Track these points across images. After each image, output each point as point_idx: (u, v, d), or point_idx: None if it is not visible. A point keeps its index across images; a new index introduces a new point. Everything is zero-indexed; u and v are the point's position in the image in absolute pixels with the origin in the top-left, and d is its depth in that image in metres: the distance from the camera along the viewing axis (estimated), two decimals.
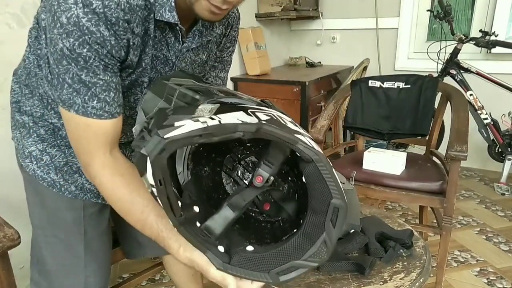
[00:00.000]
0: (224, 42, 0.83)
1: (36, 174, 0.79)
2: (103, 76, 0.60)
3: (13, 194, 1.25)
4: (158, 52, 0.68)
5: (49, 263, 0.83)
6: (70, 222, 0.82)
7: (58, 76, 0.59)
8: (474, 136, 2.34)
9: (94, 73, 0.59)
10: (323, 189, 0.52)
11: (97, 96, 0.60)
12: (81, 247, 0.82)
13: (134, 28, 0.60)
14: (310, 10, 2.76)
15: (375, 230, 0.88)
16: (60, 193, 0.80)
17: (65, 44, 0.56)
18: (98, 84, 0.60)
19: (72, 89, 0.59)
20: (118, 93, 0.64)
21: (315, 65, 2.90)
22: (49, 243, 0.83)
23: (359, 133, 1.77)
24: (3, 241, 0.85)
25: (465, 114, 1.46)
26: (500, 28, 2.40)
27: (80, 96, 0.60)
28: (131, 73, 0.67)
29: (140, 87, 0.71)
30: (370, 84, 1.69)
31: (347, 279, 0.77)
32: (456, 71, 2.25)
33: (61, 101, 0.61)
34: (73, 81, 0.59)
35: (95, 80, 0.59)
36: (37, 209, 0.83)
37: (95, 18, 0.55)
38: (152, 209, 0.63)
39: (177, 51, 0.70)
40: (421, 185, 1.38)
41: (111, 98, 0.62)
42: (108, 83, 0.61)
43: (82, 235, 0.82)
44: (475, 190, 2.41)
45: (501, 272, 1.62)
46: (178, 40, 0.68)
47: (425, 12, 2.59)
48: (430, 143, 1.69)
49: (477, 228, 1.97)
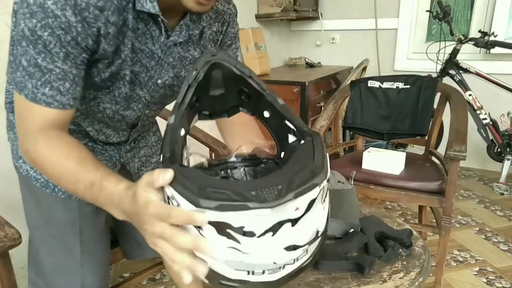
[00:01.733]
0: (223, 40, 0.81)
1: (29, 175, 0.80)
2: (61, 64, 0.57)
3: (13, 194, 1.24)
4: (143, 45, 0.65)
5: (45, 263, 0.83)
6: (65, 222, 0.82)
7: (15, 58, 0.57)
8: (473, 136, 2.35)
9: (51, 59, 0.56)
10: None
11: (50, 83, 0.57)
12: (77, 247, 0.82)
13: (108, 17, 0.58)
14: (309, 10, 2.77)
15: (374, 230, 0.88)
16: (54, 194, 0.80)
17: (27, 24, 0.53)
18: (54, 71, 0.57)
19: (26, 72, 0.56)
20: (76, 86, 0.60)
21: (315, 65, 2.91)
22: (45, 243, 0.83)
23: (358, 133, 1.78)
24: (4, 241, 0.85)
25: (464, 114, 1.47)
26: (499, 28, 2.41)
27: (32, 81, 0.57)
28: (109, 64, 0.63)
29: (122, 81, 0.68)
30: (369, 85, 1.70)
31: (347, 278, 0.77)
32: (455, 71, 2.26)
33: (15, 83, 0.59)
34: (29, 64, 0.56)
35: (51, 67, 0.56)
36: (33, 209, 0.83)
37: (62, 2, 0.53)
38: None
39: (163, 45, 0.67)
40: (420, 185, 1.39)
41: (66, 89, 0.59)
42: (65, 72, 0.58)
43: (78, 235, 0.82)
44: (474, 190, 2.42)
45: (500, 272, 1.62)
46: (163, 33, 0.66)
47: (424, 12, 2.60)
48: (429, 143, 1.70)
49: (476, 227, 1.98)
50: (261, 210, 0.39)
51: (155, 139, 0.99)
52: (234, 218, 0.40)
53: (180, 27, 0.68)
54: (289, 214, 0.41)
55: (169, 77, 0.73)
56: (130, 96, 0.72)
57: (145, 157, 0.95)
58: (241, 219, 0.39)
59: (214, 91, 0.58)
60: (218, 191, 0.40)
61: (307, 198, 0.42)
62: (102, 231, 0.88)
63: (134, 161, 0.92)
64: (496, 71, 2.36)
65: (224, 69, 0.55)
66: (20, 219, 0.93)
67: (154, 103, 0.78)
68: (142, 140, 0.94)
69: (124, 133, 0.83)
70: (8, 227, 0.89)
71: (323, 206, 0.46)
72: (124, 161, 0.89)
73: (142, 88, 0.72)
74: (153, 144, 0.98)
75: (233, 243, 0.41)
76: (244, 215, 0.39)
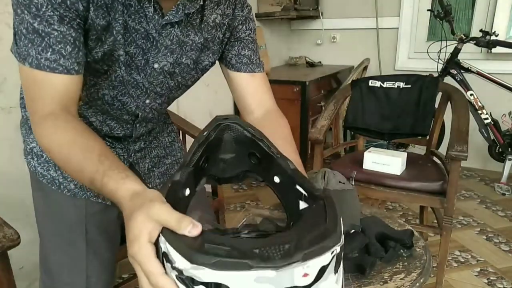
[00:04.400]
0: (231, 24, 0.77)
1: (36, 171, 0.79)
2: (57, 27, 0.56)
3: (13, 194, 1.24)
4: (137, 24, 0.64)
5: (51, 261, 0.83)
6: (72, 220, 0.81)
7: (16, 29, 0.57)
8: (474, 136, 2.34)
9: (47, 22, 0.56)
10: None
11: (51, 47, 0.57)
12: (82, 245, 0.81)
13: None
14: (310, 9, 2.76)
15: (375, 230, 0.87)
16: (59, 191, 0.79)
17: None
18: (52, 34, 0.56)
19: (27, 40, 0.56)
20: (78, 50, 0.59)
21: (315, 65, 2.90)
22: (52, 241, 0.82)
23: (359, 133, 1.77)
24: (3, 241, 0.85)
25: (465, 114, 1.46)
26: (501, 28, 2.40)
27: (34, 47, 0.56)
28: (99, 41, 0.62)
29: (117, 63, 0.66)
30: (370, 84, 1.69)
31: (347, 279, 0.77)
32: (457, 71, 2.25)
33: (18, 55, 0.59)
34: (28, 31, 0.56)
35: (49, 30, 0.56)
36: (41, 206, 0.83)
37: None
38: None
39: (157, 25, 0.65)
40: (422, 185, 1.38)
41: (67, 52, 0.58)
42: (64, 35, 0.57)
43: (84, 234, 0.81)
44: (475, 190, 2.41)
45: (501, 272, 1.62)
46: (157, 12, 0.64)
47: (426, 11, 2.59)
48: (430, 143, 1.69)
49: (478, 228, 1.97)
50: (264, 271, 0.34)
51: (169, 139, 0.96)
52: (232, 279, 0.34)
53: (177, 6, 0.65)
54: (296, 280, 0.35)
55: (167, 62, 0.71)
56: (128, 81, 0.70)
57: (157, 158, 0.93)
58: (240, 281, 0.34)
59: (224, 154, 0.56)
60: (217, 247, 0.36)
61: (317, 263, 0.36)
62: (111, 230, 0.87)
63: (145, 162, 0.90)
64: (498, 70, 2.36)
65: (236, 132, 0.54)
66: (19, 219, 0.93)
67: (155, 92, 0.75)
68: (155, 140, 0.92)
69: (127, 125, 0.82)
70: (7, 227, 0.89)
71: (336, 278, 0.40)
72: (132, 160, 0.87)
73: (139, 72, 0.70)
74: (167, 145, 0.95)
75: None
76: (244, 276, 0.34)
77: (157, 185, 0.91)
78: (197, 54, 0.75)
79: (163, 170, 0.93)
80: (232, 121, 0.54)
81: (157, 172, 0.92)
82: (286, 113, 0.83)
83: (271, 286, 0.35)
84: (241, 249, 0.35)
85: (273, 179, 0.55)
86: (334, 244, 0.38)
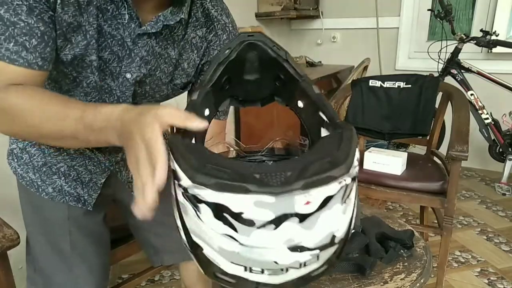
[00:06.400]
0: (206, 50, 0.75)
1: (17, 172, 0.80)
2: (25, 18, 0.53)
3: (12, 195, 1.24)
4: (113, 30, 0.61)
5: (41, 261, 0.83)
6: (55, 222, 0.81)
7: None
8: (475, 136, 2.34)
9: (14, 11, 0.53)
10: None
11: (14, 37, 0.53)
12: (67, 248, 0.81)
13: None
14: (310, 9, 2.76)
15: (375, 231, 0.87)
16: (38, 194, 0.79)
17: None
18: (18, 25, 0.53)
19: None
20: (45, 45, 0.56)
21: (316, 64, 2.90)
22: (38, 241, 0.83)
23: (359, 133, 1.77)
24: (2, 241, 0.85)
25: (466, 114, 1.46)
26: (501, 27, 2.40)
27: None
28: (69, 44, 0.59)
29: (90, 68, 0.63)
30: (370, 84, 1.69)
31: (348, 279, 0.77)
32: (457, 70, 2.25)
33: None
34: None
35: (15, 20, 0.53)
36: (26, 208, 0.83)
37: None
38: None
39: (133, 33, 0.63)
40: (422, 185, 1.38)
41: (32, 46, 0.54)
42: (31, 27, 0.54)
43: (68, 236, 0.81)
44: (476, 190, 2.41)
45: (502, 273, 1.62)
46: (134, 20, 0.62)
47: (426, 11, 2.59)
48: (431, 143, 1.69)
49: (478, 228, 1.97)
50: (263, 196, 0.34)
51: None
52: (232, 201, 0.35)
53: (157, 18, 0.63)
54: (297, 207, 0.35)
55: (141, 73, 0.68)
56: (101, 87, 0.67)
57: None
58: (239, 203, 0.34)
59: (249, 75, 0.54)
60: (219, 168, 0.36)
61: (321, 192, 0.35)
62: (96, 233, 0.86)
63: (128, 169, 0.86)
64: (498, 70, 2.35)
65: (260, 51, 0.51)
66: (18, 219, 0.92)
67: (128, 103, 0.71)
68: None
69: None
70: (6, 227, 0.89)
71: (343, 208, 0.39)
72: (114, 169, 0.84)
73: (114, 79, 0.67)
74: None
75: (229, 230, 0.36)
76: (243, 199, 0.34)
77: None
78: (170, 70, 0.72)
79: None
80: (257, 39, 0.51)
81: None
82: (286, 113, 0.82)
83: (270, 211, 0.34)
84: (242, 172, 0.35)
85: (297, 104, 0.53)
86: (340, 174, 0.36)
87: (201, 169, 0.36)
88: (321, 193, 0.35)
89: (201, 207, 0.37)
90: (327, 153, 0.39)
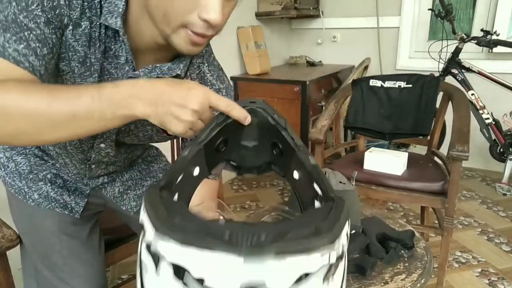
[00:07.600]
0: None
1: (5, 181, 0.81)
2: (42, 27, 0.53)
3: None
4: (112, 68, 0.62)
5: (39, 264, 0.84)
6: (44, 229, 0.81)
7: None
8: (475, 136, 2.33)
9: (34, 19, 0.52)
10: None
11: (27, 41, 0.52)
12: (59, 261, 0.81)
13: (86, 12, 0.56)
14: (310, 8, 2.76)
15: (376, 231, 0.87)
16: (25, 201, 0.80)
17: None
18: (34, 31, 0.52)
19: (1, 25, 0.51)
20: (51, 56, 0.55)
21: (316, 64, 2.90)
22: (31, 245, 0.84)
23: (360, 133, 1.77)
24: (2, 242, 0.85)
25: (466, 114, 1.45)
26: (502, 27, 2.39)
27: (6, 35, 0.51)
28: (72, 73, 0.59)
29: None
30: (371, 84, 1.69)
31: (348, 280, 0.77)
32: (458, 70, 2.24)
33: None
34: (7, 19, 0.51)
35: (32, 26, 0.52)
36: (16, 214, 0.85)
37: None
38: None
39: (125, 75, 0.62)
40: (423, 186, 1.38)
41: (42, 53, 0.53)
42: (46, 36, 0.54)
43: (58, 243, 0.81)
44: (476, 190, 2.40)
45: (502, 273, 1.61)
46: (129, 63, 0.61)
47: (427, 11, 2.58)
48: (431, 143, 1.68)
49: (479, 228, 1.96)
50: (229, 256, 0.29)
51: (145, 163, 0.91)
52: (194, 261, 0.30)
53: (153, 67, 0.62)
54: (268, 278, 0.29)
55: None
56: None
57: (132, 180, 0.89)
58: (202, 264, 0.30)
59: (247, 141, 0.53)
60: (187, 222, 0.33)
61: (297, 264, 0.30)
62: (88, 239, 0.86)
63: (115, 186, 0.87)
64: (499, 70, 2.35)
65: (260, 117, 0.51)
66: None
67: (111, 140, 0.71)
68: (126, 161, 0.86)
69: (82, 166, 0.78)
70: (5, 228, 0.89)
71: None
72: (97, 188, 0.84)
73: None
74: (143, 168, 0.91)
75: None
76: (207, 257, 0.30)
77: (132, 207, 0.88)
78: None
79: (141, 193, 0.89)
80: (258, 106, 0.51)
81: (132, 194, 0.89)
82: (286, 112, 0.82)
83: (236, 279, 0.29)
84: (211, 227, 0.32)
85: (293, 175, 0.52)
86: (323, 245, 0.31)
87: (168, 220, 0.33)
88: (296, 265, 0.30)
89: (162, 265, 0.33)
90: (312, 221, 0.35)
